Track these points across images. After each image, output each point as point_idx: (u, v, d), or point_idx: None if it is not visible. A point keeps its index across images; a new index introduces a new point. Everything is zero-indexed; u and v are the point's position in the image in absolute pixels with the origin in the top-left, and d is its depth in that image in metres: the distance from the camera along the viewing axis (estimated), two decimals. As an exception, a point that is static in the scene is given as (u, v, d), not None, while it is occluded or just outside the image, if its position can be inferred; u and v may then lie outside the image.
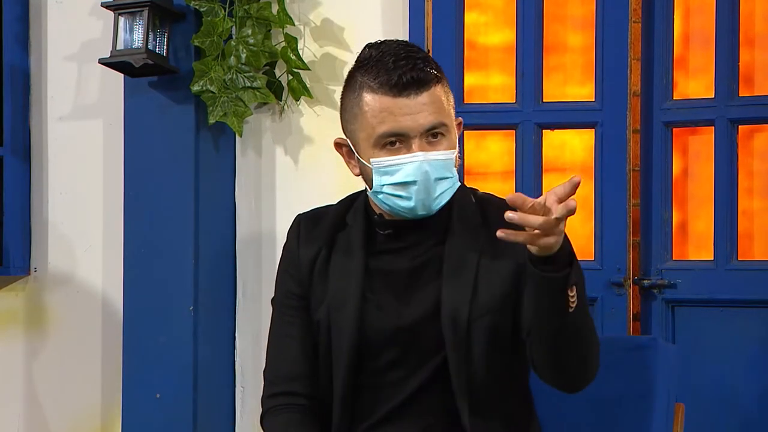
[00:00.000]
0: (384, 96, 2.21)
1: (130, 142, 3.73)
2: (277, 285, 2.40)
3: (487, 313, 2.23)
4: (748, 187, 3.41)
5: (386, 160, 2.22)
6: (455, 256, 2.25)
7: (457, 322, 2.22)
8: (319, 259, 2.33)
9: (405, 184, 2.22)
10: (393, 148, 2.22)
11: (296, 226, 2.40)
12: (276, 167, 3.74)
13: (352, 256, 2.29)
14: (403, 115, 2.20)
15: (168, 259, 3.66)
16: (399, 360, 2.27)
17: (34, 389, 4.03)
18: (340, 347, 2.27)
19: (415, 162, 2.20)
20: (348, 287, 2.28)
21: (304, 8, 3.69)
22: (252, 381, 3.76)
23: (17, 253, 4.02)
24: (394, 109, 2.20)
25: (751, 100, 3.37)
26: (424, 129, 2.21)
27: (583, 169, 3.55)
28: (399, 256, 2.29)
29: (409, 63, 2.21)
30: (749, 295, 3.33)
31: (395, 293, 2.25)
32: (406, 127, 2.20)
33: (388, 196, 2.23)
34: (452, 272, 2.25)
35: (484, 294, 2.23)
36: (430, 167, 2.21)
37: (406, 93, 2.20)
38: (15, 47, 4.03)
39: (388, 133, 2.21)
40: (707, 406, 3.31)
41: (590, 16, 3.48)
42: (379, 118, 2.21)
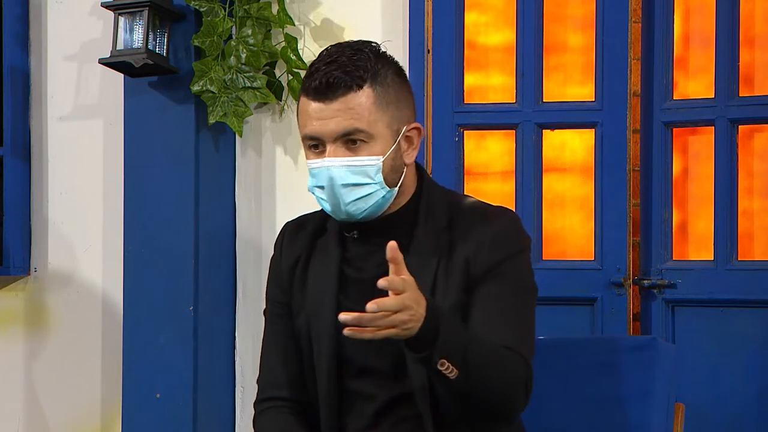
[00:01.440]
0: (305, 99, 2.23)
1: (130, 142, 3.73)
2: (266, 293, 2.43)
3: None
4: (748, 187, 3.41)
5: (310, 163, 2.26)
6: (416, 263, 2.23)
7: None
8: (298, 266, 2.34)
9: (320, 188, 2.24)
10: (316, 151, 2.24)
11: (281, 235, 2.42)
12: (276, 167, 3.74)
13: (327, 263, 2.31)
14: (317, 120, 2.21)
15: (168, 259, 3.66)
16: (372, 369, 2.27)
17: (34, 389, 4.04)
18: (320, 354, 2.28)
19: (322, 167, 2.22)
20: (323, 295, 2.29)
21: (304, 8, 3.69)
22: (252, 381, 3.75)
23: (17, 253, 4.02)
24: (311, 113, 2.22)
25: (751, 100, 3.37)
26: (336, 135, 2.21)
27: (583, 169, 3.55)
28: (367, 263, 2.28)
29: (333, 67, 2.21)
30: (749, 295, 3.33)
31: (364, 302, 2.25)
32: (318, 131, 2.21)
33: (317, 198, 2.27)
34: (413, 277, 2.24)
35: (439, 301, 2.22)
36: (333, 174, 2.21)
37: (320, 98, 2.21)
38: (15, 47, 4.04)
39: (307, 136, 2.24)
40: (707, 406, 3.31)
41: (590, 16, 3.48)
42: (302, 122, 2.25)
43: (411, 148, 2.29)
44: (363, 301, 2.13)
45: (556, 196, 3.56)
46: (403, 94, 2.27)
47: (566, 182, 3.60)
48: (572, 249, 3.55)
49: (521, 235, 2.29)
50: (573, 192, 3.59)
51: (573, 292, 3.46)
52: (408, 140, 2.28)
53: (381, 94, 2.23)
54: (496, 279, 2.23)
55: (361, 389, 2.28)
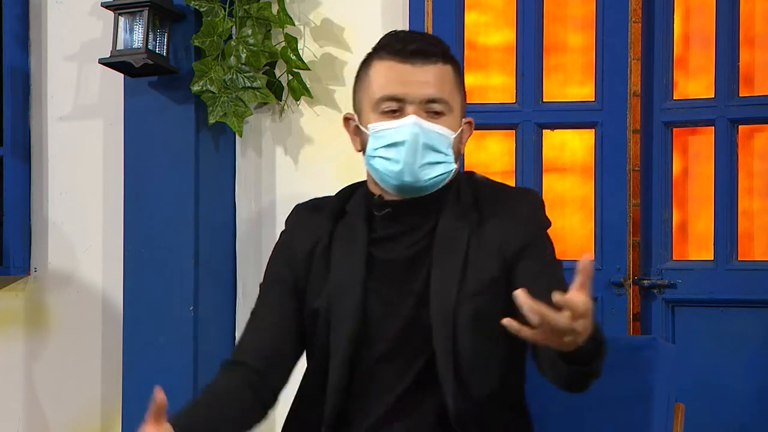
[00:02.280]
0: (389, 61, 2.24)
1: (130, 142, 3.74)
2: (267, 270, 2.40)
3: (474, 295, 2.21)
4: (748, 187, 3.41)
5: (381, 125, 2.24)
6: (445, 239, 2.24)
7: (444, 305, 2.21)
8: (318, 248, 2.31)
9: (394, 145, 2.23)
10: (390, 113, 2.24)
11: (294, 214, 2.40)
12: (276, 167, 3.74)
13: (354, 245, 2.29)
14: (405, 81, 2.23)
15: (168, 259, 3.66)
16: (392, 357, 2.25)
17: (34, 389, 4.04)
18: (340, 337, 2.25)
19: (407, 123, 2.22)
20: (350, 277, 2.27)
21: (304, 8, 3.69)
22: (252, 381, 3.75)
23: (17, 253, 4.02)
24: (397, 74, 2.23)
25: (751, 100, 3.37)
26: (423, 98, 2.22)
27: (583, 169, 3.55)
28: (397, 244, 2.28)
29: (422, 36, 2.27)
30: (749, 295, 3.33)
31: (394, 283, 2.24)
32: (404, 92, 2.22)
33: (378, 160, 2.25)
34: (441, 256, 2.24)
35: (471, 277, 2.22)
36: (420, 131, 2.22)
37: (411, 60, 2.23)
38: (15, 47, 4.04)
39: (387, 96, 2.24)
40: (707, 406, 3.31)
41: (590, 16, 3.48)
42: (382, 82, 2.25)
43: (465, 139, 2.33)
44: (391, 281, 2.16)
45: (556, 196, 3.56)
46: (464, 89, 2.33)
47: (566, 182, 3.60)
48: (572, 249, 3.54)
49: (545, 216, 2.33)
50: (573, 192, 3.59)
51: (573, 292, 3.45)
52: (465, 131, 2.32)
53: (458, 76, 2.29)
54: (533, 255, 2.25)
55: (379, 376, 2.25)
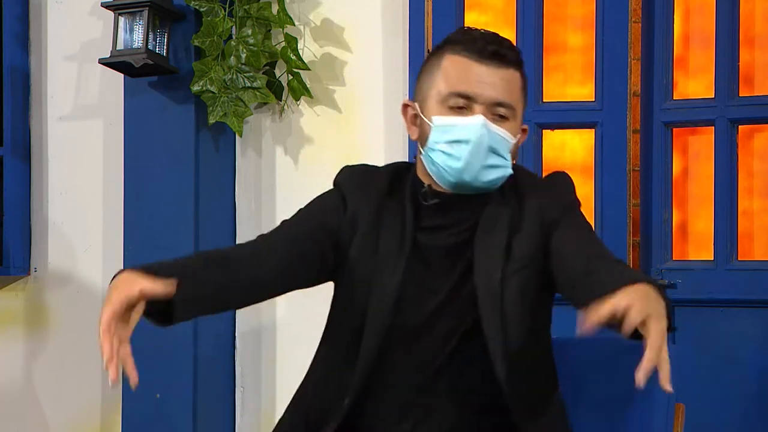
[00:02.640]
0: (465, 58, 2.26)
1: (130, 142, 3.74)
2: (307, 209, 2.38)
3: (520, 269, 2.26)
4: (748, 187, 3.41)
5: (447, 119, 2.27)
6: (488, 223, 2.29)
7: (490, 280, 2.24)
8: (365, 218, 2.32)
9: (458, 143, 2.25)
10: (458, 110, 2.26)
11: (347, 178, 2.38)
12: (276, 167, 3.74)
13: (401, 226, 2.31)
14: (477, 81, 2.25)
15: (168, 259, 3.66)
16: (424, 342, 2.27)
17: (34, 389, 4.04)
18: (379, 308, 2.27)
19: (475, 123, 2.25)
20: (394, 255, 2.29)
21: (304, 8, 3.69)
22: (252, 381, 3.76)
23: (17, 253, 4.02)
24: (471, 73, 2.26)
25: (751, 100, 3.37)
26: (492, 101, 2.25)
27: (583, 169, 3.55)
28: (440, 233, 2.31)
29: (499, 39, 2.28)
30: (749, 295, 3.33)
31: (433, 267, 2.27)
32: (476, 92, 2.25)
33: (439, 154, 2.27)
34: (483, 239, 2.28)
35: (515, 253, 2.26)
36: (487, 132, 2.25)
37: (486, 62, 2.26)
38: (15, 47, 4.04)
39: (457, 93, 2.26)
40: (707, 406, 3.31)
41: (590, 16, 3.48)
42: (453, 77, 2.26)
43: (519, 145, 2.35)
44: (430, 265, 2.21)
45: (556, 196, 3.55)
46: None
47: (566, 182, 3.60)
48: (572, 249, 3.54)
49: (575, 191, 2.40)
50: (573, 192, 3.59)
51: (573, 292, 3.45)
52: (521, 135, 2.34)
53: (525, 84, 2.33)
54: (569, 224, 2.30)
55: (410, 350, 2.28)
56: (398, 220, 2.32)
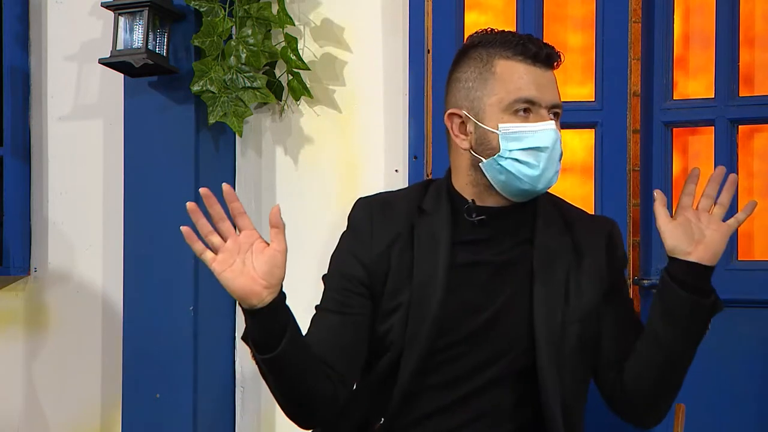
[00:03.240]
0: (521, 63, 2.25)
1: (130, 142, 3.74)
2: (337, 264, 2.35)
3: (578, 320, 2.24)
4: (748, 187, 3.41)
5: (516, 126, 2.24)
6: (545, 257, 2.26)
7: (552, 322, 2.21)
8: (397, 245, 2.29)
9: (536, 150, 2.23)
10: (523, 115, 2.24)
11: (367, 209, 2.35)
12: (276, 167, 3.74)
13: (438, 245, 2.27)
14: (537, 84, 2.25)
15: (168, 259, 3.66)
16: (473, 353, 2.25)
17: (34, 389, 4.04)
18: (418, 335, 2.24)
19: (548, 129, 2.24)
20: (433, 276, 2.25)
21: (304, 8, 3.69)
22: (252, 381, 3.76)
23: (17, 253, 4.02)
24: (533, 78, 2.25)
25: (751, 100, 3.37)
26: (552, 104, 2.27)
27: (583, 169, 3.55)
28: (485, 248, 2.28)
29: (540, 41, 2.28)
30: (749, 295, 3.33)
31: (479, 286, 2.24)
32: (539, 96, 2.25)
33: (514, 162, 2.23)
34: (543, 273, 2.25)
35: (574, 301, 2.24)
36: (558, 138, 2.27)
37: (540, 65, 2.26)
38: (15, 47, 4.04)
39: (523, 99, 2.24)
40: (707, 406, 3.30)
41: (590, 16, 3.48)
42: (516, 83, 2.24)
43: None
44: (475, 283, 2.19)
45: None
46: None
47: (566, 182, 3.60)
48: (572, 249, 3.54)
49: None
50: (573, 192, 3.59)
51: (573, 292, 3.45)
52: None
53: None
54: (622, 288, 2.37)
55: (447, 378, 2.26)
56: (434, 239, 2.27)
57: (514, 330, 2.24)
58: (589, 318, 2.25)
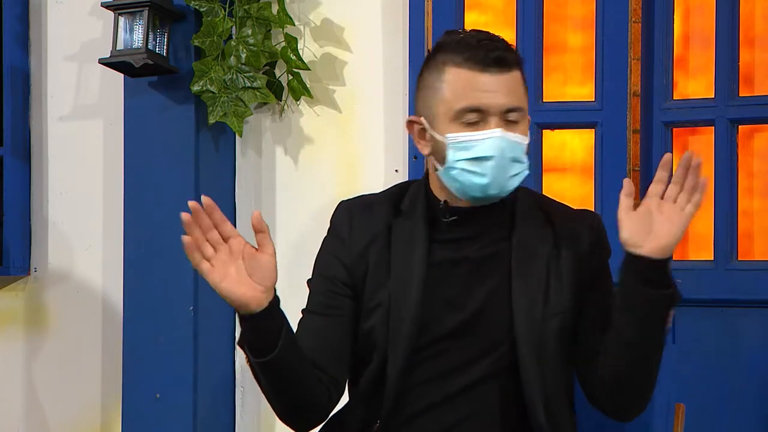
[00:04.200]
0: (468, 71, 2.22)
1: (130, 142, 3.73)
2: (319, 267, 2.38)
3: (558, 313, 2.23)
4: (748, 187, 3.41)
5: (463, 135, 2.23)
6: (523, 252, 2.26)
7: (531, 317, 2.21)
8: (374, 245, 2.32)
9: (480, 160, 2.22)
10: (471, 124, 2.22)
11: (346, 212, 2.38)
12: (276, 167, 3.74)
13: (415, 245, 2.29)
14: (485, 92, 2.22)
15: (168, 259, 3.66)
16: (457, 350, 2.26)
17: (34, 389, 4.03)
18: (400, 334, 2.25)
19: (493, 138, 2.21)
20: (410, 274, 2.27)
21: (304, 8, 3.69)
22: (252, 381, 3.74)
23: (17, 253, 4.02)
24: (477, 85, 2.22)
25: (751, 100, 3.37)
26: (504, 108, 2.23)
27: (583, 169, 3.55)
28: (463, 246, 2.28)
29: (494, 43, 2.24)
30: (749, 295, 3.33)
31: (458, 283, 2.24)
32: (487, 103, 2.22)
33: (462, 172, 2.23)
34: (522, 268, 2.25)
35: (554, 295, 2.24)
36: (506, 145, 2.22)
37: (489, 70, 2.22)
38: (15, 47, 4.04)
39: (469, 108, 2.22)
40: (707, 406, 3.30)
41: (590, 16, 3.48)
42: (461, 93, 2.23)
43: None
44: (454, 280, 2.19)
45: (555, 196, 3.51)
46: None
47: (566, 182, 3.60)
48: (572, 249, 3.54)
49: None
50: (573, 192, 3.59)
51: (573, 292, 3.45)
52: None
53: (524, 79, 2.30)
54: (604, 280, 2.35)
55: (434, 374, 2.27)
56: (411, 238, 2.29)
57: (497, 326, 2.24)
58: (569, 312, 2.25)
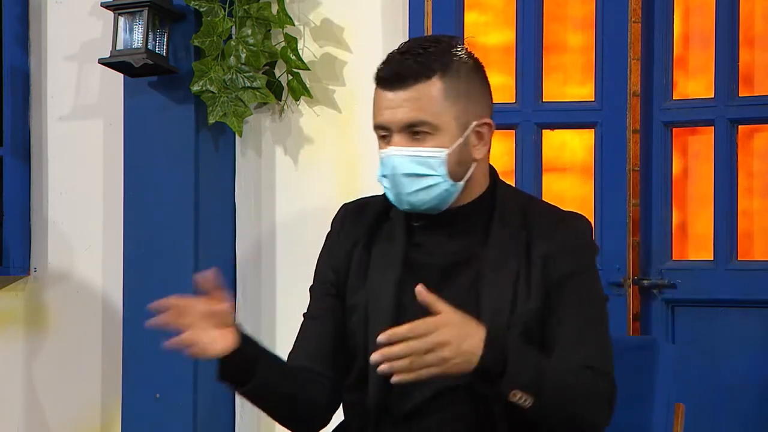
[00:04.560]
0: (378, 88, 2.24)
1: (130, 142, 3.74)
2: (316, 271, 2.42)
3: (523, 323, 2.22)
4: (747, 187, 3.41)
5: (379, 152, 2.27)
6: (495, 260, 2.24)
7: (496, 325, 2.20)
8: (357, 248, 2.33)
9: (384, 177, 2.25)
10: (385, 140, 2.25)
11: (341, 215, 2.41)
12: (276, 167, 3.74)
13: (393, 247, 2.30)
14: (385, 109, 2.22)
15: (168, 259, 3.66)
16: None
17: (34, 389, 4.04)
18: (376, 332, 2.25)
19: (385, 156, 2.24)
20: (386, 277, 2.28)
21: (304, 8, 3.69)
22: (252, 381, 3.75)
23: (17, 253, 4.02)
24: (381, 102, 2.23)
25: (751, 100, 3.37)
26: (402, 125, 2.22)
27: (582, 169, 3.55)
28: (435, 250, 2.28)
29: (406, 56, 2.21)
30: (749, 295, 3.33)
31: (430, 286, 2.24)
32: (386, 121, 2.23)
33: (384, 187, 2.27)
34: (492, 276, 2.23)
35: (521, 304, 2.22)
36: (396, 163, 2.22)
37: (389, 87, 2.22)
38: (15, 47, 4.04)
39: (376, 125, 2.25)
40: (707, 406, 3.31)
41: (590, 16, 3.48)
42: (374, 110, 2.26)
43: (481, 143, 2.28)
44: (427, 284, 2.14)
45: (555, 196, 3.56)
46: (477, 88, 2.28)
47: (566, 182, 3.60)
48: (572, 249, 3.54)
49: (593, 240, 2.32)
50: (573, 192, 3.59)
51: (573, 292, 3.45)
52: (478, 135, 2.27)
53: (451, 86, 2.23)
54: (575, 289, 2.23)
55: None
56: (390, 241, 2.31)
57: None
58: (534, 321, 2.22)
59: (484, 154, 2.30)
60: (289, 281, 3.72)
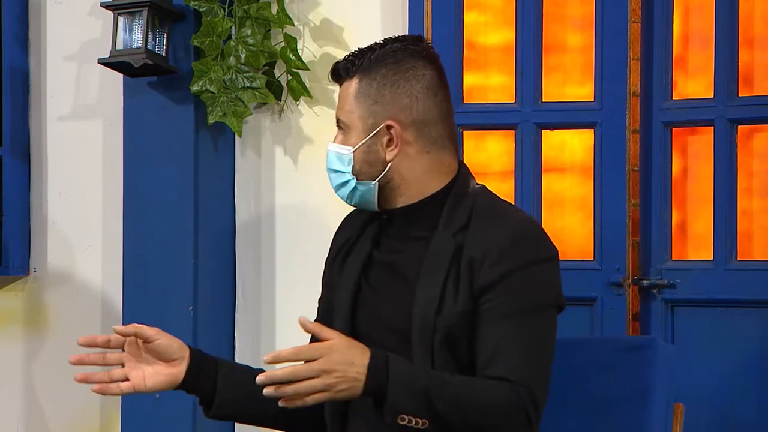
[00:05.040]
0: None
1: (130, 142, 3.74)
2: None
3: (446, 326, 2.18)
4: (747, 187, 3.41)
5: None
6: (431, 261, 2.22)
7: (424, 327, 2.19)
8: (344, 247, 2.36)
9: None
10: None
11: (346, 217, 2.44)
12: (275, 167, 3.74)
13: (363, 244, 2.33)
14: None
15: (168, 259, 3.66)
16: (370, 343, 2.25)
17: (34, 389, 4.04)
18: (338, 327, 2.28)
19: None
20: (350, 277, 2.31)
21: (304, 8, 3.69)
22: (252, 381, 3.75)
23: (17, 253, 4.02)
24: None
25: (751, 100, 3.37)
26: (336, 120, 2.30)
27: (582, 169, 3.55)
28: (387, 248, 2.30)
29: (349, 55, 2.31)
30: (749, 295, 3.33)
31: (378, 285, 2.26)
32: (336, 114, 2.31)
33: None
34: (426, 275, 2.22)
35: (448, 307, 2.19)
36: (328, 158, 2.29)
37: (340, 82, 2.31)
38: (15, 47, 4.04)
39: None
40: (707, 406, 3.31)
41: (590, 16, 3.48)
42: None
43: (393, 145, 2.25)
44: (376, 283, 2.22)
45: (555, 196, 3.56)
46: (390, 90, 2.25)
47: (566, 182, 3.60)
48: (572, 249, 3.55)
49: (537, 245, 2.21)
50: (572, 192, 3.59)
51: (572, 292, 3.40)
52: (388, 137, 2.25)
53: (364, 86, 2.26)
54: (501, 296, 2.16)
55: None
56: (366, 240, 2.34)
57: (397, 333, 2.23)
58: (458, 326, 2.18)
59: (395, 155, 2.25)
60: (289, 281, 3.72)
